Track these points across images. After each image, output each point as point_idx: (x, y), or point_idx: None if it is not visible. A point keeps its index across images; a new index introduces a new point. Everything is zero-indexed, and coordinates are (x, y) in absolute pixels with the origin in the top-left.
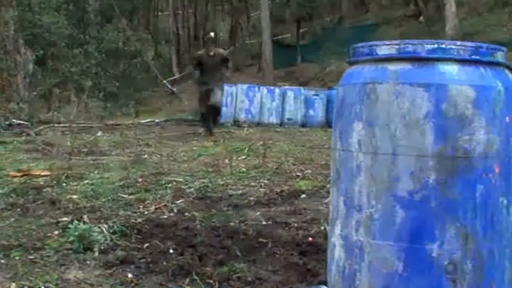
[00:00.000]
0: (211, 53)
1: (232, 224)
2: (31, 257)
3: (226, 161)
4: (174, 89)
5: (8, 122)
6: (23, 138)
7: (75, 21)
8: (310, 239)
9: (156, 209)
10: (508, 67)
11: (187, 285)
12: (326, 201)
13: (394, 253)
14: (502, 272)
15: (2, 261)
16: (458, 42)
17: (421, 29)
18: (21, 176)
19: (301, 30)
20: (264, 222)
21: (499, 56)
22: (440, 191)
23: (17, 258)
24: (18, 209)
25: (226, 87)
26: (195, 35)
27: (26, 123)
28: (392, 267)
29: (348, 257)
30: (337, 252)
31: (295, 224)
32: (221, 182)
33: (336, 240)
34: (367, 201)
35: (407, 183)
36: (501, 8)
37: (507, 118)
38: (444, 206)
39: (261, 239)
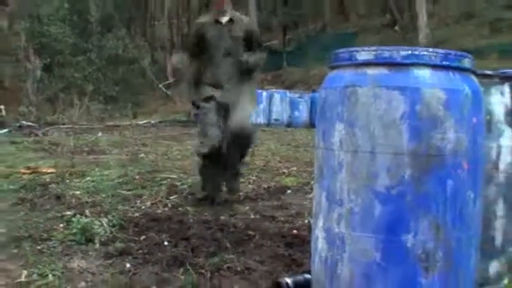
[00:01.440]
0: (224, 19)
1: (222, 217)
2: (39, 247)
3: None
4: (169, 93)
5: (18, 124)
6: (32, 138)
7: (78, 31)
8: (295, 231)
9: (152, 204)
10: (473, 72)
11: (181, 274)
12: (310, 196)
13: (373, 244)
14: (468, 259)
15: (14, 250)
16: (431, 49)
17: (397, 37)
18: (30, 173)
19: (287, 37)
20: (252, 216)
21: (466, 62)
22: (414, 186)
23: (27, 248)
24: (27, 204)
25: None
26: None
27: (34, 124)
28: (371, 257)
29: (330, 248)
30: (320, 243)
31: (282, 218)
32: None
33: (319, 232)
34: (348, 196)
35: (384, 179)
36: (466, 20)
37: (474, 119)
38: (418, 200)
39: (249, 232)
